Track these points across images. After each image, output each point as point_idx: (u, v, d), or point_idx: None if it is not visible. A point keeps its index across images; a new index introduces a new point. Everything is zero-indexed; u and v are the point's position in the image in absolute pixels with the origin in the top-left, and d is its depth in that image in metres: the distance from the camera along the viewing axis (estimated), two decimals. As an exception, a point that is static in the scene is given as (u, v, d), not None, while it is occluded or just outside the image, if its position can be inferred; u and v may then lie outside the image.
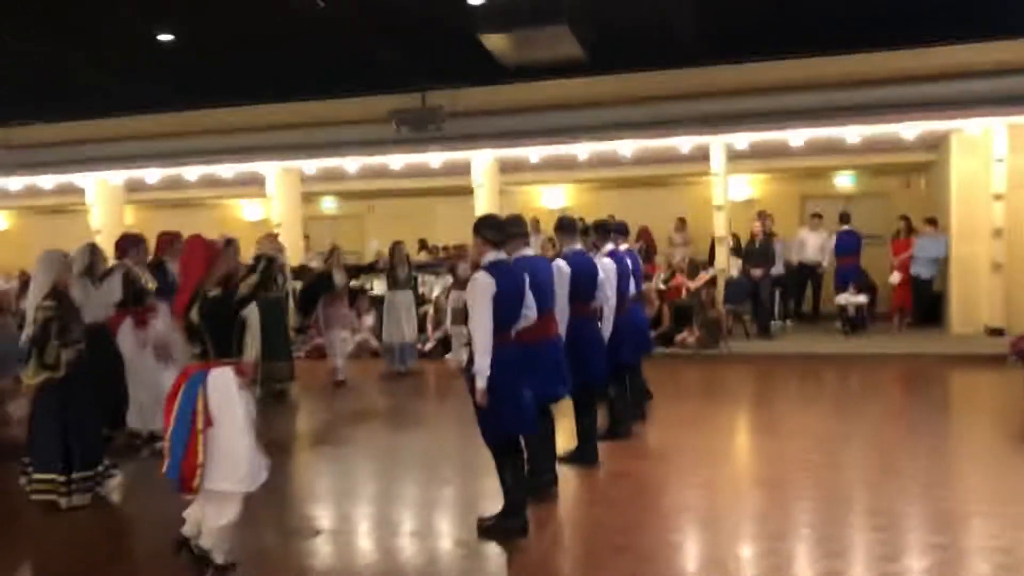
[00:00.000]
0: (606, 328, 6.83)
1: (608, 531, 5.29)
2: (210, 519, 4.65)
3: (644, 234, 15.83)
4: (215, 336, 4.66)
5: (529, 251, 5.74)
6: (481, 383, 4.95)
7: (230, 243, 9.42)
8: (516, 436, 5.27)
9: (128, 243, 7.97)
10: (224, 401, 4.59)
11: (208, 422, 4.54)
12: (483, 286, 4.97)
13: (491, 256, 5.18)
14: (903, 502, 5.61)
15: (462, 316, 11.66)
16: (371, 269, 11.75)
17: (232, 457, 4.56)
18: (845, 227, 14.20)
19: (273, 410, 9.57)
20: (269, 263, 5.01)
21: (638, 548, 5.00)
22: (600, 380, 6.78)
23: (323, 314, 11.09)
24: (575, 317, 6.30)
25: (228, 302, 4.71)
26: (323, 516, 5.89)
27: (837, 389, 10.18)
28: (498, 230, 5.29)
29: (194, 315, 4.64)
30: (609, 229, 7.50)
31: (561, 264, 6.21)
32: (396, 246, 11.60)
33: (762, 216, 13.64)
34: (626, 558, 4.85)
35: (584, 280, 6.44)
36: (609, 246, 7.26)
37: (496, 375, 4.97)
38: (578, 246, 6.69)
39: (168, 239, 8.47)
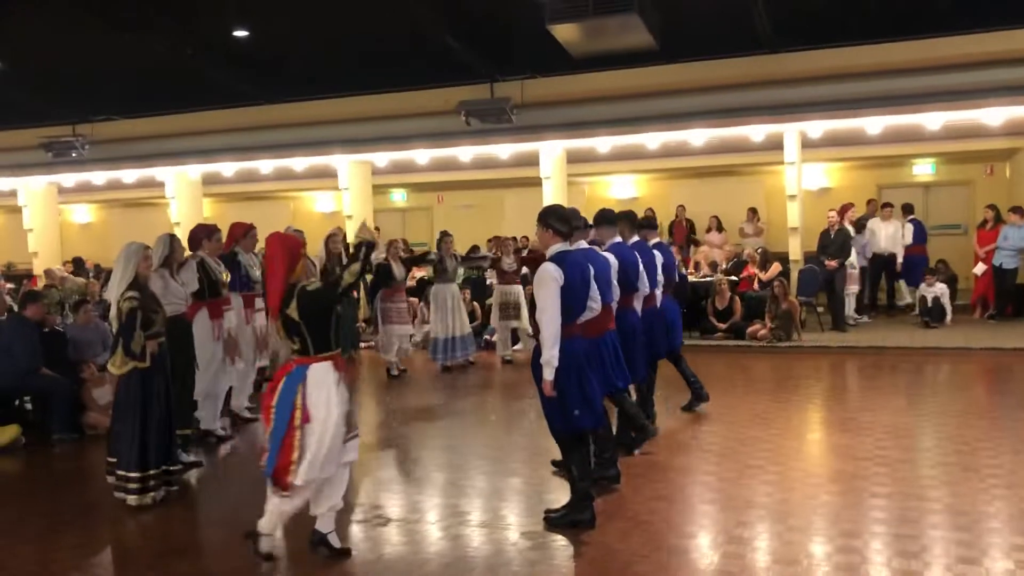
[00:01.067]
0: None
1: (675, 525, 5.26)
2: (281, 504, 4.72)
3: (677, 228, 15.68)
4: (314, 330, 4.62)
5: (584, 243, 5.73)
6: (549, 374, 4.94)
7: (335, 235, 9.44)
8: (584, 429, 5.26)
9: (202, 233, 7.86)
10: (322, 397, 4.59)
11: (306, 418, 4.56)
12: (551, 277, 4.95)
13: (558, 247, 5.15)
14: (984, 502, 5.42)
15: (508, 312, 11.61)
16: (424, 260, 11.58)
17: (319, 454, 4.58)
18: (910, 217, 13.92)
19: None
20: (369, 249, 4.87)
21: (706, 543, 4.95)
22: (643, 373, 6.86)
23: (381, 308, 10.99)
24: (619, 308, 6.32)
25: (329, 294, 4.71)
26: (391, 505, 5.96)
27: (914, 383, 9.88)
28: (566, 221, 5.25)
29: (292, 311, 4.60)
30: (635, 221, 7.36)
31: (611, 257, 6.20)
32: (443, 238, 11.46)
33: (843, 208, 13.44)
34: (694, 553, 4.81)
35: (627, 271, 6.45)
36: (635, 238, 7.15)
37: (564, 367, 4.96)
38: (618, 238, 6.70)
39: (241, 229, 8.43)
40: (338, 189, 16.55)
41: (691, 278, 13.64)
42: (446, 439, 7.87)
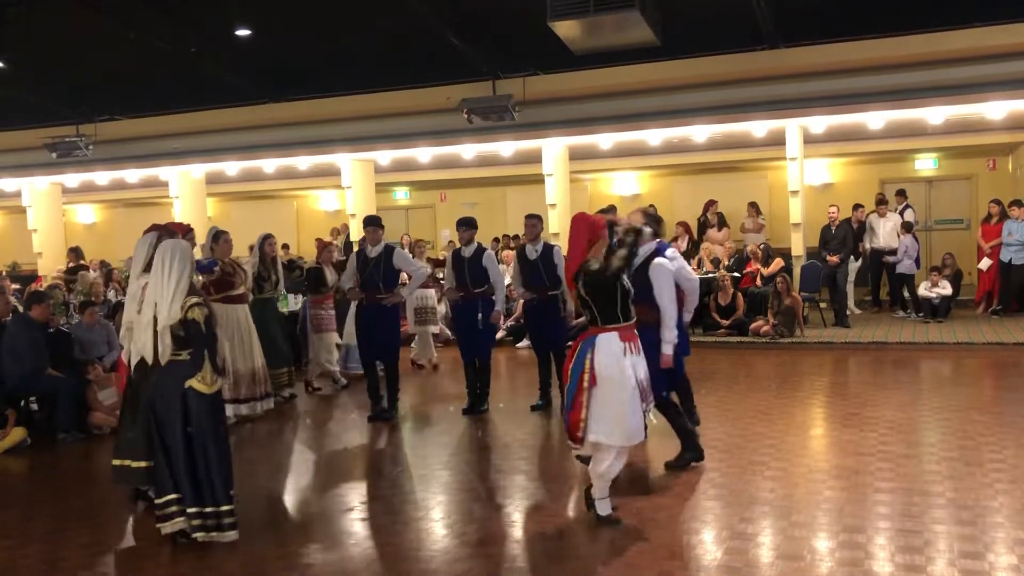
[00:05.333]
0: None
1: (679, 522, 5.27)
2: (596, 465, 5.19)
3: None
4: (599, 304, 5.14)
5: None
6: (669, 350, 6.00)
7: (270, 238, 9.21)
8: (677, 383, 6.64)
9: (166, 234, 6.64)
10: (609, 363, 5.06)
11: (593, 381, 5.06)
12: (667, 269, 6.02)
13: (655, 245, 6.15)
14: (988, 496, 5.43)
15: (425, 316, 11.09)
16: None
17: (611, 414, 5.04)
18: (905, 204, 14.08)
19: (279, 420, 8.94)
20: (636, 236, 5.29)
21: (709, 539, 4.97)
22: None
23: (311, 315, 10.12)
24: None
25: (605, 274, 5.12)
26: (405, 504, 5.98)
27: (918, 378, 9.89)
28: (658, 223, 6.37)
29: (581, 288, 5.20)
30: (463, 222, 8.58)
31: None
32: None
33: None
34: (698, 549, 4.83)
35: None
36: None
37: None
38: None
39: (179, 230, 7.06)
40: (341, 187, 16.58)
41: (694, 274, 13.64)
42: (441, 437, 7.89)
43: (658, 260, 6.03)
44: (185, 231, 7.56)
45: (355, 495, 6.23)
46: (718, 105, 13.36)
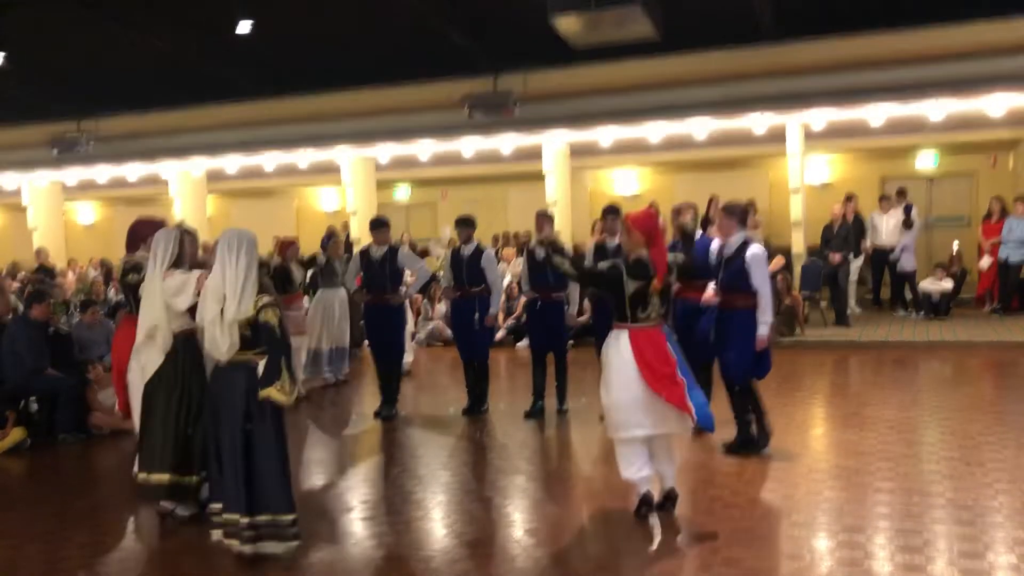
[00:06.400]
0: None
1: (679, 522, 5.26)
2: (621, 469, 5.30)
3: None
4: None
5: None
6: (766, 331, 6.27)
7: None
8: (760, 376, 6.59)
9: (148, 230, 6.07)
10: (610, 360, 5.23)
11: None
12: (764, 257, 6.37)
13: (743, 234, 6.42)
14: (988, 496, 5.42)
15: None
16: (312, 263, 10.23)
17: (621, 409, 5.15)
18: (906, 203, 14.03)
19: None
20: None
21: (711, 539, 4.96)
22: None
23: None
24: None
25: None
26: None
27: (918, 378, 9.87)
28: (745, 214, 6.57)
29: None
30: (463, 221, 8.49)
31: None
32: (331, 239, 10.49)
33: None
34: (699, 549, 4.82)
35: None
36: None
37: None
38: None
39: (150, 229, 6.14)
40: (342, 185, 16.56)
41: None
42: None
43: (755, 248, 6.29)
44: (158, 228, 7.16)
45: (355, 495, 6.22)
46: (718, 101, 13.32)
